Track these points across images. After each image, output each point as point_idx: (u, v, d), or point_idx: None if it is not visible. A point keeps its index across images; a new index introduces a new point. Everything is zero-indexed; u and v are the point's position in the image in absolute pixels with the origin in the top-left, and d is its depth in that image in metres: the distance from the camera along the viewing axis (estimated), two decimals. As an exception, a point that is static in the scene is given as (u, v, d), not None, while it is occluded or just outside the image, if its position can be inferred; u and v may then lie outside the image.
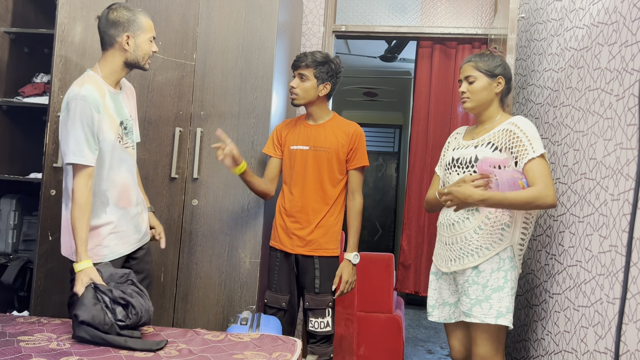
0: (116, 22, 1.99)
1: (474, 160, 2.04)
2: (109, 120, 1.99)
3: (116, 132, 2.02)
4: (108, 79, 2.03)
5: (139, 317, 1.83)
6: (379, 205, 7.43)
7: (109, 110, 2.00)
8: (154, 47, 2.09)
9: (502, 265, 1.99)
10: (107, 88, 2.02)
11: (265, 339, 1.88)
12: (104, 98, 1.98)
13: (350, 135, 2.37)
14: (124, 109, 2.10)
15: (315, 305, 2.33)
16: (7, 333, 1.78)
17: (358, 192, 2.41)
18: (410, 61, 5.10)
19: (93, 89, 1.94)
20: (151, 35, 2.07)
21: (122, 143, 2.06)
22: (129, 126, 2.11)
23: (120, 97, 2.09)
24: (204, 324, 2.62)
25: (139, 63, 2.06)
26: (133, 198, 2.13)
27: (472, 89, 2.09)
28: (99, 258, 2.01)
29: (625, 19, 1.63)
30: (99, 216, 2.01)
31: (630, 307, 1.47)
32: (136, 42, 2.02)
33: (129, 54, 2.02)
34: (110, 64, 2.03)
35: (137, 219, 2.16)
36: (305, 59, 2.34)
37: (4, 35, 2.81)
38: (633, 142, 1.52)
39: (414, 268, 3.47)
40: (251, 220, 2.62)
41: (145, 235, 2.24)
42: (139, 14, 2.04)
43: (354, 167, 2.38)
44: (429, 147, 3.46)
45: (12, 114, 2.87)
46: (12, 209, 2.87)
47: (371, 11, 3.48)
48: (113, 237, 2.05)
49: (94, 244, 2.01)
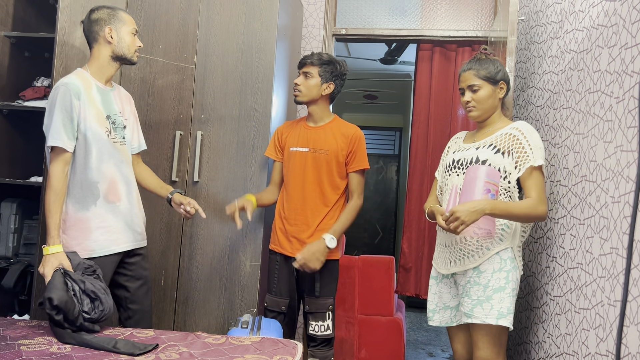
0: (98, 19, 2.11)
1: (475, 161, 2.04)
2: (94, 112, 2.07)
3: (103, 125, 2.10)
4: (96, 74, 2.13)
5: (104, 314, 1.87)
6: (380, 208, 7.43)
7: (95, 103, 2.08)
8: (138, 42, 2.20)
9: (504, 266, 1.99)
10: (95, 82, 2.12)
11: (266, 342, 1.87)
12: (89, 90, 2.07)
13: (350, 138, 2.36)
14: (113, 105, 2.16)
15: (315, 309, 2.33)
16: (7, 337, 1.78)
17: (357, 193, 2.39)
18: (411, 64, 5.10)
19: (76, 78, 2.06)
20: (132, 27, 2.17)
21: (111, 137, 2.12)
22: (118, 121, 2.17)
23: (110, 94, 2.17)
24: (204, 328, 2.62)
25: (125, 55, 2.15)
26: (122, 194, 2.16)
27: (477, 98, 2.07)
28: (87, 253, 2.04)
29: (625, 22, 1.64)
30: (88, 208, 2.06)
31: (631, 310, 1.46)
32: (119, 35, 2.12)
33: (114, 46, 2.12)
34: (97, 60, 2.13)
35: (129, 217, 2.18)
36: (311, 58, 2.37)
37: (5, 39, 2.81)
38: (633, 145, 1.52)
39: (415, 271, 3.47)
40: (251, 224, 2.62)
41: (141, 238, 2.25)
42: (118, 10, 2.16)
43: (353, 170, 2.38)
44: (429, 150, 3.46)
45: (13, 117, 2.88)
46: (13, 213, 2.87)
47: (371, 14, 3.48)
48: (102, 232, 2.08)
49: (82, 237, 2.05)
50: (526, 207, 1.93)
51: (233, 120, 2.66)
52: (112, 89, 2.19)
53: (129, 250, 2.20)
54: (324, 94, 2.38)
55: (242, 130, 2.65)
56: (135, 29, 2.18)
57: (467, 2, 3.39)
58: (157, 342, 1.82)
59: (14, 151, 2.92)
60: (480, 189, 1.90)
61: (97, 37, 2.12)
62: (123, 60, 2.17)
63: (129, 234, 2.18)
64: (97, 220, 2.08)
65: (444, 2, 3.41)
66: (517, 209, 1.91)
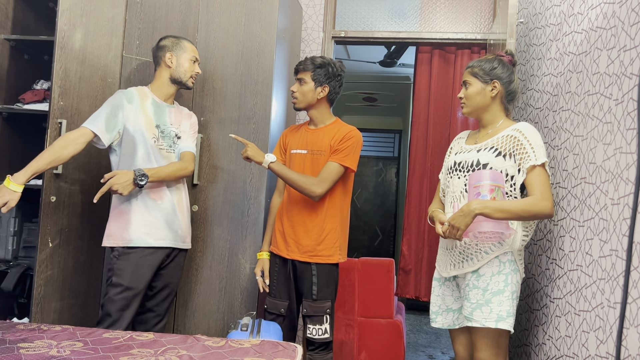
0: (163, 46, 2.41)
1: (476, 165, 2.04)
2: (144, 118, 2.32)
3: (151, 132, 2.34)
4: (156, 92, 2.41)
5: None
6: (379, 210, 7.43)
7: (147, 111, 2.35)
8: (197, 69, 2.45)
9: (503, 269, 1.99)
10: (153, 96, 2.39)
11: (265, 345, 1.87)
12: (144, 100, 2.36)
13: (343, 135, 2.31)
14: (166, 117, 2.40)
15: (313, 312, 2.31)
16: (7, 340, 1.78)
17: (324, 181, 2.25)
18: (410, 66, 5.11)
19: (134, 89, 2.37)
20: (192, 55, 2.43)
21: (157, 144, 2.35)
22: (167, 131, 2.39)
23: (166, 109, 2.42)
24: (204, 330, 2.61)
25: (182, 79, 2.41)
26: (165, 195, 2.35)
27: (467, 94, 2.12)
28: (125, 242, 2.27)
29: (624, 24, 1.64)
30: (130, 202, 2.29)
31: (631, 312, 1.46)
32: (178, 60, 2.40)
33: (172, 70, 2.40)
34: (158, 80, 2.42)
35: (170, 217, 2.36)
36: (304, 63, 2.37)
37: (4, 42, 2.81)
38: (632, 146, 1.53)
39: (415, 273, 3.47)
40: (251, 226, 2.62)
41: (181, 240, 2.42)
42: (183, 40, 2.45)
43: (333, 160, 2.28)
44: (428, 152, 3.47)
45: (13, 120, 2.87)
46: (12, 216, 2.87)
47: (370, 17, 3.49)
48: (141, 225, 2.28)
49: (122, 227, 2.28)
50: (525, 203, 1.89)
51: (233, 122, 2.66)
52: (170, 106, 2.44)
53: (169, 251, 2.37)
54: (319, 97, 2.37)
55: (242, 133, 2.65)
56: (195, 57, 2.44)
57: (466, 4, 3.39)
58: (157, 345, 1.81)
59: (13, 154, 2.92)
60: (486, 193, 1.90)
61: (159, 61, 2.41)
62: (179, 83, 2.42)
63: (169, 232, 2.35)
64: (137, 213, 2.29)
65: (443, 5, 3.41)
66: (513, 205, 1.87)
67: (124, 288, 2.23)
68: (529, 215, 1.89)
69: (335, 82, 2.38)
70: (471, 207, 1.87)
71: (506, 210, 1.86)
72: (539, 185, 1.91)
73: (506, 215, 1.87)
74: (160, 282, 2.38)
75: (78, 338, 1.85)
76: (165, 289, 2.40)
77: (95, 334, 1.90)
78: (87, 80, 2.56)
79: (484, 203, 1.86)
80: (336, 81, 2.38)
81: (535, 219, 1.94)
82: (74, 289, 2.55)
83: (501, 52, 2.22)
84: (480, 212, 1.86)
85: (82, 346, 1.76)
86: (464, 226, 1.88)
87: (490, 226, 1.88)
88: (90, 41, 2.57)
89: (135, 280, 2.25)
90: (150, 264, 2.29)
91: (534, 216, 1.90)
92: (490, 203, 1.86)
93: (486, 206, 1.85)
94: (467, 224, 1.88)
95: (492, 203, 1.86)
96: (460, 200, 2.07)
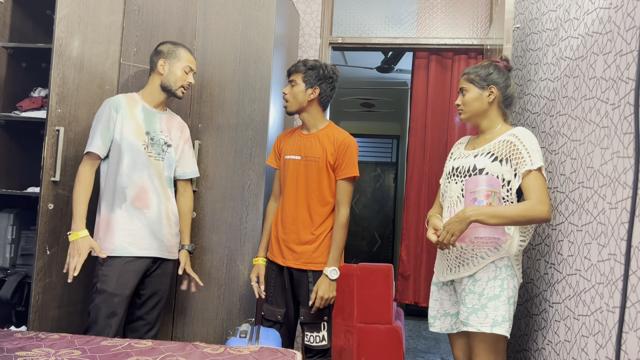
0: (159, 52, 2.40)
1: (472, 170, 2.04)
2: (133, 125, 2.32)
3: (141, 139, 2.33)
4: (146, 98, 2.40)
5: None
6: (378, 215, 7.42)
7: (137, 118, 2.34)
8: (190, 79, 2.42)
9: (499, 274, 1.98)
10: (143, 103, 2.39)
11: (264, 352, 1.86)
12: (133, 107, 2.35)
13: (339, 144, 2.29)
14: (157, 124, 2.39)
15: (310, 319, 2.30)
16: (4, 349, 1.77)
17: (343, 204, 2.29)
18: (407, 72, 5.13)
19: (122, 97, 2.36)
20: (187, 65, 2.40)
21: (147, 151, 2.34)
22: (157, 139, 2.38)
23: (157, 116, 2.41)
24: (202, 337, 2.60)
25: (171, 88, 2.39)
26: (151, 203, 2.33)
27: (464, 101, 2.13)
28: (108, 251, 2.25)
29: (620, 29, 1.65)
30: (114, 210, 2.28)
31: (630, 316, 1.46)
32: (170, 68, 2.38)
33: (163, 77, 2.38)
34: (149, 86, 2.41)
35: (156, 226, 2.33)
36: (296, 65, 2.37)
37: (2, 50, 2.82)
38: (629, 151, 1.53)
39: (414, 278, 3.46)
40: (249, 233, 2.61)
41: (167, 250, 2.38)
42: (180, 47, 2.41)
43: (340, 177, 2.30)
44: (426, 157, 3.47)
45: (10, 128, 2.87)
46: (10, 224, 2.86)
47: (367, 23, 3.50)
48: (125, 234, 2.27)
49: (106, 236, 2.27)
50: (520, 208, 1.89)
51: (231, 129, 2.66)
52: (161, 112, 2.43)
53: (155, 260, 2.35)
54: (309, 99, 2.35)
55: (240, 139, 2.65)
56: (190, 67, 2.41)
57: (462, 10, 3.41)
58: (156, 353, 1.81)
59: (11, 162, 2.91)
60: (482, 198, 1.90)
61: (153, 67, 2.40)
62: (168, 91, 2.40)
63: (154, 242, 2.33)
64: (121, 222, 2.28)
65: (440, 11, 3.43)
66: (508, 211, 1.88)
67: (109, 294, 2.23)
68: (525, 220, 1.90)
69: (327, 85, 2.36)
70: (466, 214, 1.87)
71: (502, 216, 1.87)
72: (535, 189, 1.91)
73: (502, 221, 1.87)
74: (147, 290, 2.37)
75: (76, 346, 1.84)
76: (153, 297, 2.38)
77: (94, 342, 1.89)
78: (84, 87, 2.56)
79: (479, 209, 1.87)
80: (327, 83, 2.36)
81: (532, 223, 1.94)
82: (72, 296, 2.54)
83: (496, 58, 2.24)
84: (475, 218, 1.86)
85: (80, 354, 1.75)
86: (459, 232, 1.90)
87: (487, 232, 1.89)
88: (88, 48, 2.57)
89: (120, 286, 2.24)
90: (135, 270, 2.29)
91: (530, 221, 1.90)
92: (486, 209, 1.87)
93: (481, 212, 1.86)
94: (461, 230, 1.89)
95: (488, 209, 1.87)
96: (457, 205, 2.07)
